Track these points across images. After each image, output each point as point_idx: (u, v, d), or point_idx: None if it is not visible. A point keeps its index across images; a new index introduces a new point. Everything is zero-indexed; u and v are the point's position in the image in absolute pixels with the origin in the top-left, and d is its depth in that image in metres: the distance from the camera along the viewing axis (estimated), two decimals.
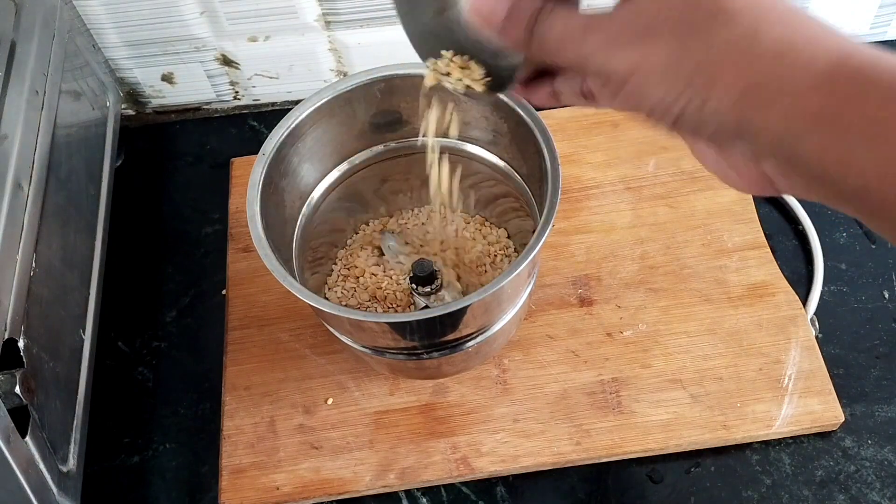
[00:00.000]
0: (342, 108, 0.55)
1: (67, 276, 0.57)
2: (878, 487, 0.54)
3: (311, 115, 0.54)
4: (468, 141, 0.58)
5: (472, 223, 0.64)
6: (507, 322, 0.54)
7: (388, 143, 0.59)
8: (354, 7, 0.69)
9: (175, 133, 0.77)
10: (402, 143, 0.59)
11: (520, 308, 0.54)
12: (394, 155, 0.60)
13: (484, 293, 0.46)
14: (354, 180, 0.60)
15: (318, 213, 0.59)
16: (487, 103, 0.54)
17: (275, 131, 0.53)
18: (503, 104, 0.52)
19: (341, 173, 0.59)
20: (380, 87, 0.55)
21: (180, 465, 0.59)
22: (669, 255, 0.63)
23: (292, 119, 0.53)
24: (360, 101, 0.55)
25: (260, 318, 0.63)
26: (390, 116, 0.57)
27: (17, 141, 0.53)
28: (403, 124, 0.58)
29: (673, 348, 0.59)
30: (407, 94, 0.55)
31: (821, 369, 0.57)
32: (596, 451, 0.55)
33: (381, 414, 0.58)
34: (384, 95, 0.55)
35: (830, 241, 0.64)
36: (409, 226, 0.64)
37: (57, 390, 0.53)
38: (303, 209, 0.58)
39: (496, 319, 0.53)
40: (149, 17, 0.69)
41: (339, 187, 0.60)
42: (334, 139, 0.57)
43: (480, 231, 0.64)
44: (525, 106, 0.51)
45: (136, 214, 0.71)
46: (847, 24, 0.74)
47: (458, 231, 0.63)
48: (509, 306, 0.53)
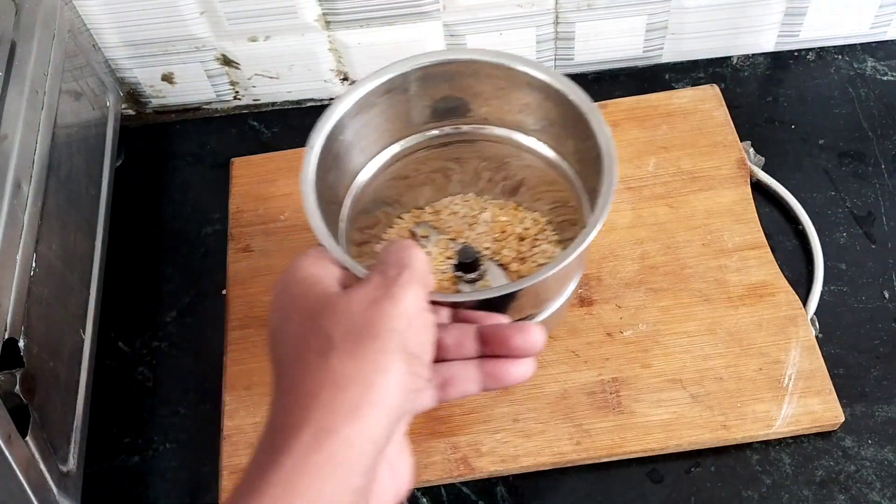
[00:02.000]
0: (386, 98, 0.55)
1: (67, 276, 0.57)
2: (878, 487, 0.54)
3: (354, 106, 0.54)
4: (517, 129, 0.58)
5: (505, 209, 0.64)
6: (552, 313, 0.53)
7: (427, 132, 0.59)
8: (354, 7, 0.69)
9: (175, 133, 0.77)
10: (442, 131, 0.59)
11: (565, 300, 0.54)
12: (440, 143, 0.60)
13: (535, 279, 0.46)
14: (394, 170, 0.60)
15: (360, 206, 0.59)
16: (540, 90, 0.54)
17: (320, 123, 0.52)
18: (554, 91, 0.53)
19: (382, 163, 0.59)
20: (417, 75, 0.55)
21: (180, 465, 0.59)
22: (669, 255, 0.63)
23: (336, 111, 0.53)
24: (400, 90, 0.55)
25: (260, 317, 0.63)
26: (434, 104, 0.58)
27: (17, 141, 0.53)
28: (447, 112, 0.58)
29: (673, 348, 0.59)
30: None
31: (821, 369, 0.57)
32: (596, 451, 0.55)
33: None
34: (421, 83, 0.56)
35: (830, 241, 0.64)
36: (443, 216, 0.64)
37: (57, 390, 0.53)
38: (344, 209, 0.57)
39: (542, 309, 0.53)
40: (149, 17, 0.69)
41: (381, 176, 0.60)
42: (377, 129, 0.57)
43: (516, 216, 0.64)
44: (578, 92, 0.52)
45: (136, 214, 0.71)
46: (847, 24, 0.74)
47: (493, 217, 0.63)
48: (556, 296, 0.53)
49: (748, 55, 0.76)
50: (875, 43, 0.75)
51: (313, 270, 0.40)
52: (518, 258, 0.61)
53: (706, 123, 0.69)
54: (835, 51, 0.75)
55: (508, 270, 0.61)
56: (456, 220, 0.63)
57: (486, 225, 0.63)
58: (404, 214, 0.64)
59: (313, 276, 0.40)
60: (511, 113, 0.57)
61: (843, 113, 0.71)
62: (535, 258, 0.61)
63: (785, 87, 0.74)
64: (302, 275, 0.40)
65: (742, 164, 0.67)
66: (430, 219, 0.64)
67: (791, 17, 0.73)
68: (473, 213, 0.64)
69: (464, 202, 0.64)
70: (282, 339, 0.38)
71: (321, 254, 0.42)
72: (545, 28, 0.72)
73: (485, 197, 0.64)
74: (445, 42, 0.72)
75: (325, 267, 0.41)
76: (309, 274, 0.40)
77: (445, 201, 0.65)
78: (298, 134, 0.75)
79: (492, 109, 0.57)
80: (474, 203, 0.64)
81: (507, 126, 0.58)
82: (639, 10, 0.71)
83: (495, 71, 0.54)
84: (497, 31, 0.71)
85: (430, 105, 0.57)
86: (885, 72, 0.74)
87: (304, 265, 0.41)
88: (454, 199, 0.65)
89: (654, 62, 0.76)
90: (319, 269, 0.41)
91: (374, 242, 0.63)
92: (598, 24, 0.72)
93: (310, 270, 0.40)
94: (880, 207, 0.66)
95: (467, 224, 0.63)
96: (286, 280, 0.40)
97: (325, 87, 0.76)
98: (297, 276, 0.40)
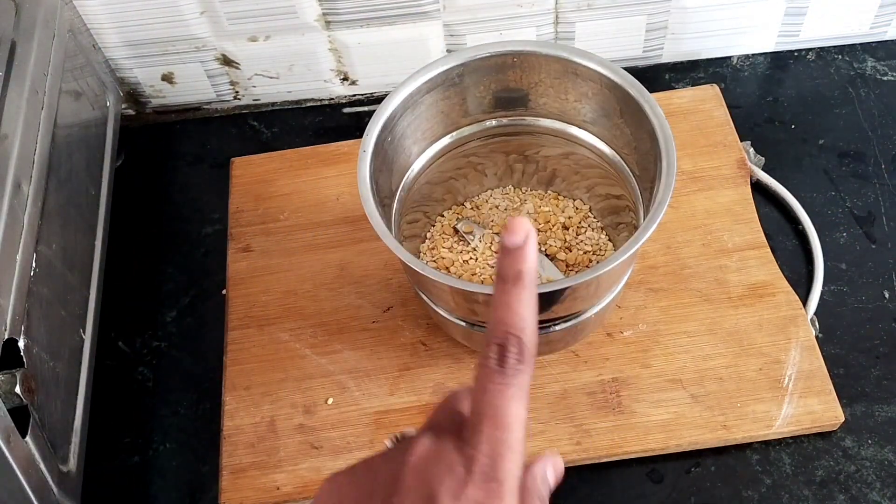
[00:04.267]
0: (430, 96, 0.56)
1: (67, 276, 0.57)
2: (878, 487, 0.54)
3: (400, 105, 0.55)
4: (572, 123, 0.59)
5: (545, 199, 0.64)
6: (599, 309, 0.54)
7: (462, 130, 0.60)
8: (354, 7, 0.69)
9: (175, 133, 0.77)
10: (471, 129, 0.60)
11: (614, 296, 0.55)
12: (481, 137, 0.61)
13: (596, 272, 0.47)
14: (435, 168, 0.61)
15: (406, 205, 0.59)
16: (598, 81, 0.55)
17: (370, 126, 0.53)
18: (615, 85, 0.54)
19: (425, 162, 0.60)
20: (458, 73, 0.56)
21: (180, 465, 0.59)
22: (669, 255, 0.63)
23: (386, 110, 0.54)
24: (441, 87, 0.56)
25: (260, 318, 0.63)
26: (463, 101, 0.58)
27: (17, 141, 0.53)
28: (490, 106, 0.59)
29: (673, 348, 0.59)
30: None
31: (821, 369, 0.57)
32: (596, 451, 0.55)
33: (381, 414, 0.58)
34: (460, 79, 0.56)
35: (830, 241, 0.64)
36: (484, 210, 0.65)
37: (57, 390, 0.52)
38: (393, 210, 0.58)
39: (591, 305, 0.53)
40: (149, 17, 0.69)
41: (423, 175, 0.60)
42: (428, 125, 0.58)
43: (557, 205, 0.64)
44: (637, 86, 0.53)
45: (136, 214, 0.71)
46: (847, 24, 0.74)
47: (536, 208, 0.64)
48: (607, 293, 0.53)
49: (748, 55, 0.76)
50: (875, 43, 0.75)
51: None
52: (564, 247, 0.62)
53: (706, 123, 0.69)
54: (835, 51, 0.75)
55: (556, 260, 0.61)
56: (498, 214, 0.64)
57: (530, 216, 0.64)
58: (445, 212, 0.65)
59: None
60: (560, 103, 0.58)
61: (843, 113, 0.71)
62: (580, 246, 0.62)
63: (785, 87, 0.74)
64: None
65: (742, 164, 0.67)
66: (471, 214, 0.65)
67: (791, 17, 0.73)
68: (515, 206, 0.65)
69: (503, 195, 0.65)
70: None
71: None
72: (545, 28, 0.72)
73: (523, 188, 0.65)
74: (445, 42, 0.72)
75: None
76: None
77: (485, 196, 0.65)
78: (298, 134, 0.75)
79: (546, 102, 0.58)
80: (514, 195, 0.65)
81: (553, 117, 0.59)
82: (639, 10, 0.71)
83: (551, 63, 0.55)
84: (497, 31, 0.71)
85: (475, 100, 0.58)
86: (885, 72, 0.74)
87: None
88: (493, 192, 0.65)
89: (654, 62, 0.76)
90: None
91: (419, 241, 0.63)
92: (598, 24, 0.72)
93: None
94: (880, 207, 0.66)
95: (510, 217, 0.63)
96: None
97: (325, 87, 0.76)
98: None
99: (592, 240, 0.62)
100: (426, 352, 0.60)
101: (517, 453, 0.31)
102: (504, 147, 0.62)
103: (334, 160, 0.70)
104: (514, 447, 0.30)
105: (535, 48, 0.55)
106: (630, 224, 0.58)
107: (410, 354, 0.60)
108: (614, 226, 0.62)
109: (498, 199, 0.65)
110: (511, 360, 0.31)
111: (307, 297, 0.64)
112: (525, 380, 0.31)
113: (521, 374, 0.31)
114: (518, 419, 0.31)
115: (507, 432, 0.30)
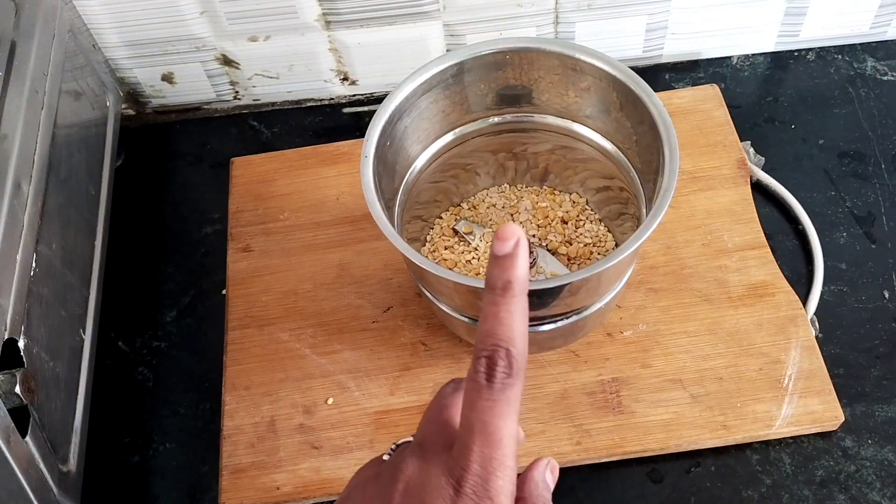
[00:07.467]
0: (429, 97, 0.56)
1: (67, 276, 0.57)
2: (878, 487, 0.54)
3: (397, 109, 0.55)
4: (574, 120, 0.59)
5: (541, 195, 0.65)
6: (601, 306, 0.54)
7: (459, 129, 0.60)
8: (354, 7, 0.69)
9: (175, 133, 0.77)
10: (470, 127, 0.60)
11: (616, 293, 0.55)
12: (471, 137, 0.61)
13: (599, 267, 0.47)
14: (438, 165, 0.61)
15: (409, 201, 0.59)
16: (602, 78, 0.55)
17: (371, 130, 0.53)
18: (618, 81, 0.54)
19: (422, 164, 0.60)
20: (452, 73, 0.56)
21: (180, 465, 0.59)
22: (669, 255, 0.63)
23: (384, 114, 0.54)
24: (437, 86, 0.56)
25: (260, 318, 0.63)
26: (463, 99, 0.58)
27: (17, 141, 0.53)
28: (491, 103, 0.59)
29: (673, 348, 0.59)
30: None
31: (821, 369, 0.57)
32: (596, 451, 0.55)
33: (381, 414, 0.58)
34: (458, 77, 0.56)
35: (830, 241, 0.64)
36: (481, 210, 0.65)
37: (57, 390, 0.52)
38: (394, 213, 0.58)
39: (593, 301, 0.53)
40: (149, 17, 0.69)
41: (421, 178, 0.60)
42: (426, 125, 0.58)
43: (554, 200, 0.64)
44: (639, 82, 0.53)
45: (136, 214, 0.71)
46: (847, 24, 0.74)
47: (534, 205, 0.64)
48: (608, 289, 0.53)
49: (748, 55, 0.76)
50: (875, 43, 0.75)
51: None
52: (565, 241, 0.62)
53: (706, 123, 0.69)
54: (835, 51, 0.75)
55: (558, 254, 0.61)
56: (496, 212, 0.64)
57: (528, 213, 0.64)
58: (443, 214, 0.65)
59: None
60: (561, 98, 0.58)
61: (843, 113, 0.71)
62: (581, 238, 0.62)
63: (785, 87, 0.74)
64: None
65: (742, 164, 0.67)
66: (469, 215, 0.65)
67: (791, 17, 0.73)
68: (512, 203, 0.65)
69: (499, 194, 0.65)
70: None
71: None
72: (545, 28, 0.72)
73: (518, 186, 0.65)
74: (445, 42, 0.72)
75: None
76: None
77: (481, 195, 0.65)
78: (298, 134, 0.75)
79: (549, 99, 0.58)
80: (510, 193, 0.65)
81: (554, 113, 0.59)
82: (639, 10, 0.71)
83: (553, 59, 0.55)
84: (497, 31, 0.71)
85: (475, 98, 0.58)
86: (885, 72, 0.74)
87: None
88: (489, 192, 0.65)
89: (654, 62, 0.76)
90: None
91: (419, 244, 0.63)
92: (598, 24, 0.72)
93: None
94: (880, 207, 0.66)
95: (508, 214, 0.64)
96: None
97: (325, 87, 0.76)
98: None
99: (592, 232, 0.63)
100: (426, 352, 0.60)
101: (509, 469, 0.30)
102: (495, 145, 0.62)
103: (334, 160, 0.70)
104: (505, 463, 0.30)
105: (531, 44, 0.55)
106: (633, 216, 0.58)
107: (410, 354, 0.60)
108: (613, 217, 0.62)
109: (494, 198, 0.65)
110: (499, 374, 0.30)
111: (307, 297, 0.64)
112: (515, 393, 0.31)
113: (511, 389, 0.31)
114: (508, 435, 0.30)
115: (497, 449, 0.30)
